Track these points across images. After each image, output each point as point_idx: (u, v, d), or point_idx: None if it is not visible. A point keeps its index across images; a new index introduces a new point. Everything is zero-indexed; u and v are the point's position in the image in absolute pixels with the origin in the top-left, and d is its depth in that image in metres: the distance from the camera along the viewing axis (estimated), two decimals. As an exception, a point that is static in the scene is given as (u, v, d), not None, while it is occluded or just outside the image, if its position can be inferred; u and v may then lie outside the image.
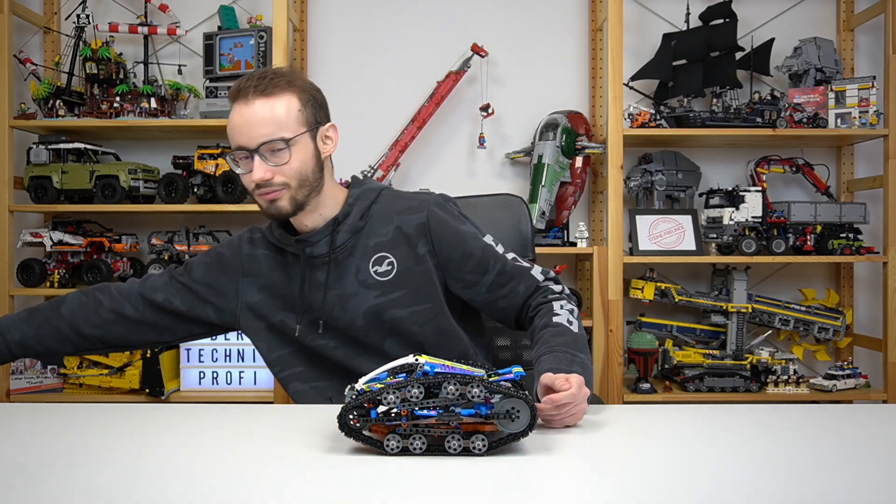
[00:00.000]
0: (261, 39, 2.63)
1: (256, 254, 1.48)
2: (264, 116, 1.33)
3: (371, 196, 1.46)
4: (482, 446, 1.02)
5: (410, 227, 1.43)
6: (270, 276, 1.47)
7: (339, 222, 1.42)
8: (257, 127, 1.33)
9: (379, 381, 1.05)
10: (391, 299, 1.41)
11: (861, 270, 2.94)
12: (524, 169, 2.90)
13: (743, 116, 2.65)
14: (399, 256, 1.42)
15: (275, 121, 1.33)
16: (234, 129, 1.35)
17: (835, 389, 2.62)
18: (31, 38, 2.89)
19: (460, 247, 1.43)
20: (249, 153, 1.34)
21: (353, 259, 1.43)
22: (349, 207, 1.43)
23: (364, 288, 1.42)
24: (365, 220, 1.44)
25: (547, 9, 2.92)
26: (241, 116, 1.34)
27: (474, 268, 1.43)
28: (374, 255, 1.42)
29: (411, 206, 1.46)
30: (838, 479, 0.95)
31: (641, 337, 2.66)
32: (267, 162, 1.34)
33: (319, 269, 1.43)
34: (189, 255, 2.64)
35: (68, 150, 2.63)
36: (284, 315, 1.46)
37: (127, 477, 0.95)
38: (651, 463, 1.02)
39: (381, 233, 1.43)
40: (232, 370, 2.64)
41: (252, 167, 1.34)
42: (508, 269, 1.43)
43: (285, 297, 1.46)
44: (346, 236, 1.42)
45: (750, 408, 1.34)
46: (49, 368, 2.62)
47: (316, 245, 1.42)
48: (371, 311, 1.42)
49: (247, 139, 1.33)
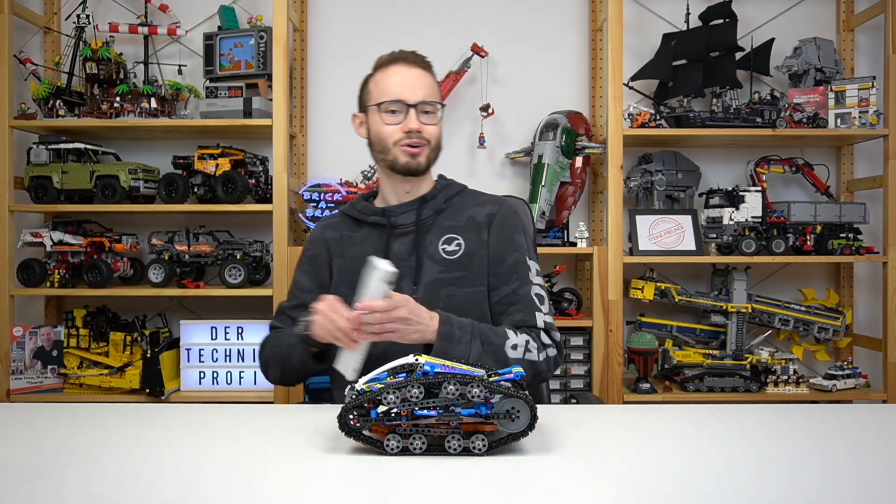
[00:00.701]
0: (261, 39, 2.63)
1: (336, 237, 1.65)
2: (425, 81, 1.57)
3: (457, 188, 1.66)
4: (482, 446, 1.02)
5: (482, 216, 1.61)
6: (348, 253, 1.62)
7: (426, 200, 1.61)
8: (419, 87, 1.55)
9: (379, 381, 1.05)
10: (453, 276, 1.55)
11: (861, 270, 2.94)
12: (524, 169, 2.90)
13: (743, 116, 2.65)
14: (467, 240, 1.58)
15: (431, 86, 1.58)
16: (394, 84, 1.55)
17: (835, 389, 2.62)
18: (31, 38, 2.89)
19: (503, 249, 1.58)
20: (406, 107, 1.53)
21: (428, 235, 1.59)
22: (436, 191, 1.63)
23: (432, 262, 1.56)
24: (447, 205, 1.62)
25: (547, 9, 2.92)
26: (403, 75, 1.56)
27: (502, 273, 1.57)
28: (445, 234, 1.59)
29: (490, 200, 1.65)
30: (838, 479, 0.95)
31: (641, 337, 2.66)
32: (420, 119, 1.54)
33: (399, 238, 1.59)
34: (189, 256, 2.64)
35: (68, 150, 2.63)
36: (352, 294, 1.51)
37: (127, 477, 0.95)
38: (651, 463, 1.02)
39: (457, 218, 1.61)
40: (232, 370, 2.64)
41: (402, 119, 1.54)
42: (522, 294, 1.55)
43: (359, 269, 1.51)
44: (429, 213, 1.60)
45: (750, 408, 1.34)
46: (49, 368, 2.62)
47: (400, 216, 1.60)
48: (432, 284, 1.54)
49: (409, 93, 1.54)
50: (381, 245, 1.59)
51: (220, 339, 2.64)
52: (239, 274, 2.61)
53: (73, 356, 2.65)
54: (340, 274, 1.61)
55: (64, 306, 2.89)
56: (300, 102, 2.89)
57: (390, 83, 1.56)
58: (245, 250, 2.64)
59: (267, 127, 2.60)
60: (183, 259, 2.66)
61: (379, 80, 1.59)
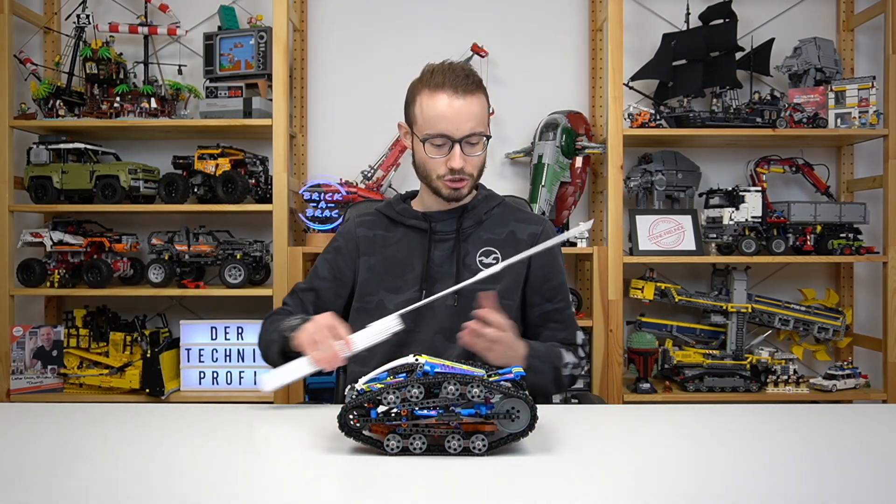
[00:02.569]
0: (261, 39, 2.63)
1: (369, 235, 1.65)
2: (472, 112, 1.51)
3: (496, 200, 1.66)
4: (482, 446, 1.02)
5: (524, 234, 1.62)
6: (380, 253, 1.62)
7: (466, 210, 1.61)
8: (465, 121, 1.50)
9: (379, 381, 1.05)
10: (485, 289, 1.50)
11: (861, 270, 2.94)
12: (524, 169, 2.90)
13: (743, 116, 2.65)
14: (504, 255, 1.56)
15: (478, 117, 1.52)
16: (440, 118, 1.49)
17: (835, 389, 2.62)
18: (31, 38, 2.89)
19: (548, 270, 1.62)
20: (450, 142, 1.50)
21: (466, 245, 1.60)
22: (477, 202, 1.63)
23: (468, 272, 1.55)
24: (487, 217, 1.63)
25: (547, 9, 2.92)
26: (451, 108, 1.49)
27: (546, 291, 1.62)
28: (484, 246, 1.60)
29: (531, 218, 1.67)
30: (838, 479, 0.95)
31: (641, 337, 2.66)
32: (463, 152, 1.51)
33: (438, 244, 1.60)
34: (189, 256, 2.64)
35: (68, 150, 2.63)
36: (384, 295, 1.58)
37: (127, 477, 0.95)
38: (651, 463, 1.02)
39: (497, 231, 1.62)
40: (232, 370, 2.63)
41: (448, 154, 1.51)
42: (567, 314, 1.64)
43: (393, 271, 1.59)
44: (470, 223, 1.61)
45: (750, 408, 1.34)
46: (49, 368, 2.62)
47: (441, 223, 1.60)
48: (466, 295, 1.51)
49: (454, 129, 1.50)
50: (421, 250, 1.60)
51: (220, 339, 2.64)
52: (239, 274, 2.61)
53: (73, 356, 2.65)
54: (370, 273, 1.61)
55: (64, 306, 2.89)
56: (300, 102, 2.89)
57: (436, 115, 1.50)
58: (245, 250, 2.64)
59: (267, 127, 2.60)
60: (183, 259, 2.66)
61: (426, 107, 1.52)
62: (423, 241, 1.60)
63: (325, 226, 2.64)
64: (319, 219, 2.65)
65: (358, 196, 2.66)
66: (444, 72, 1.52)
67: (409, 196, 1.73)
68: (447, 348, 1.52)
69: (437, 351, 1.49)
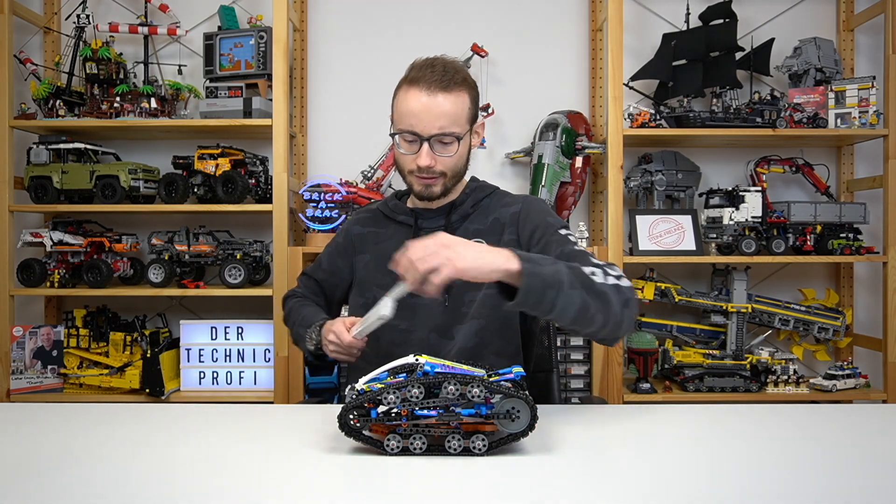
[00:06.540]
0: (261, 39, 2.63)
1: (363, 233, 1.66)
2: (443, 110, 1.45)
3: (486, 191, 1.62)
4: (482, 446, 1.02)
5: (506, 217, 1.57)
6: (374, 250, 1.62)
7: (454, 206, 1.59)
8: (435, 119, 1.44)
9: (379, 381, 1.05)
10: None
11: (861, 270, 2.94)
12: (524, 169, 2.90)
13: (743, 116, 2.65)
14: (490, 243, 1.51)
15: (450, 116, 1.45)
16: (409, 114, 1.46)
17: (835, 389, 2.62)
18: (31, 38, 2.89)
19: (538, 220, 1.53)
20: (419, 139, 1.46)
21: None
22: (465, 196, 1.60)
23: None
24: (474, 210, 1.60)
25: (547, 9, 2.92)
26: (420, 104, 1.44)
27: (540, 237, 1.49)
28: (471, 238, 1.54)
29: (513, 199, 1.61)
30: (838, 479, 0.95)
31: (641, 337, 2.66)
32: (434, 151, 1.47)
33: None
34: (189, 256, 2.64)
35: (68, 150, 2.63)
36: (377, 291, 1.55)
37: (127, 477, 0.95)
38: (651, 463, 1.02)
39: (483, 221, 1.58)
40: (232, 370, 2.64)
41: (417, 150, 1.47)
42: (567, 251, 1.44)
43: (385, 267, 1.54)
44: (457, 218, 1.58)
45: (750, 408, 1.34)
46: (49, 368, 2.62)
47: (429, 220, 1.59)
48: (456, 289, 1.50)
49: (422, 127, 1.45)
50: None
51: (220, 339, 2.64)
52: (239, 274, 2.61)
53: (73, 356, 2.65)
54: (366, 270, 1.62)
55: (64, 306, 2.89)
56: (300, 102, 2.89)
57: (406, 111, 1.46)
58: (245, 250, 2.64)
59: (267, 127, 2.60)
60: (183, 259, 2.66)
61: (400, 102, 1.49)
62: (410, 236, 1.59)
63: (324, 226, 2.64)
64: (319, 219, 2.65)
65: (358, 196, 2.66)
66: (423, 67, 1.48)
67: (404, 193, 1.73)
68: (443, 346, 1.52)
69: (434, 349, 1.49)
